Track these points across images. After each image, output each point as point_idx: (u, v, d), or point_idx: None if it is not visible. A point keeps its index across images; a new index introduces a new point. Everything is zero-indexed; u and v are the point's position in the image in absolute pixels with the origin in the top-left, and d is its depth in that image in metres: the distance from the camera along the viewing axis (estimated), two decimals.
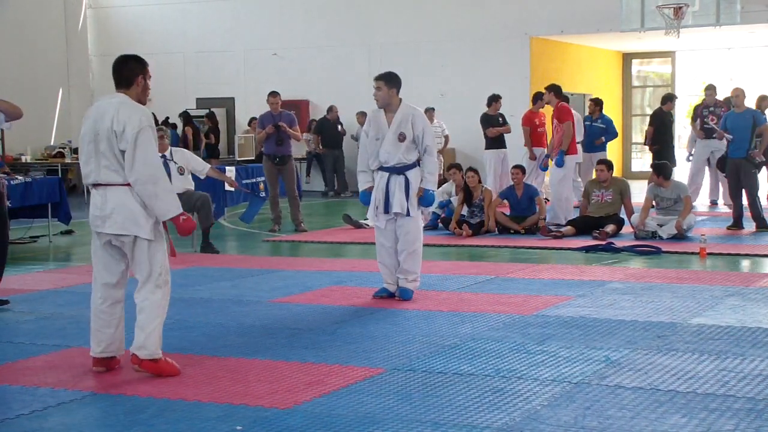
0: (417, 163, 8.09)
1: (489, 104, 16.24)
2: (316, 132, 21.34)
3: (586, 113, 17.74)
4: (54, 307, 8.18)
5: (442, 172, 17.81)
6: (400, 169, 8.04)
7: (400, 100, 8.14)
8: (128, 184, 5.71)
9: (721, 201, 16.27)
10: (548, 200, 14.54)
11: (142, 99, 5.88)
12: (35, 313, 7.93)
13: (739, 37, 21.71)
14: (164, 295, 5.86)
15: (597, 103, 17.10)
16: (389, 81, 8.05)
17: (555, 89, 14.01)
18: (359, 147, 8.48)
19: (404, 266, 8.13)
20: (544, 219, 12.79)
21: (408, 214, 8.02)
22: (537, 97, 16.09)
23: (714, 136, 14.98)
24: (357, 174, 8.42)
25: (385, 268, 8.25)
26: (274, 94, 13.94)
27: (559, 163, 13.46)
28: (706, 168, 16.41)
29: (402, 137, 7.96)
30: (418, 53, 21.38)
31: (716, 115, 15.05)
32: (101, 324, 5.95)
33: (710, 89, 15.78)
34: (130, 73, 5.86)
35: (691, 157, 16.58)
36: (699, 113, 15.59)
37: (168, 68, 23.80)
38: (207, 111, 21.69)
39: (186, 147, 18.80)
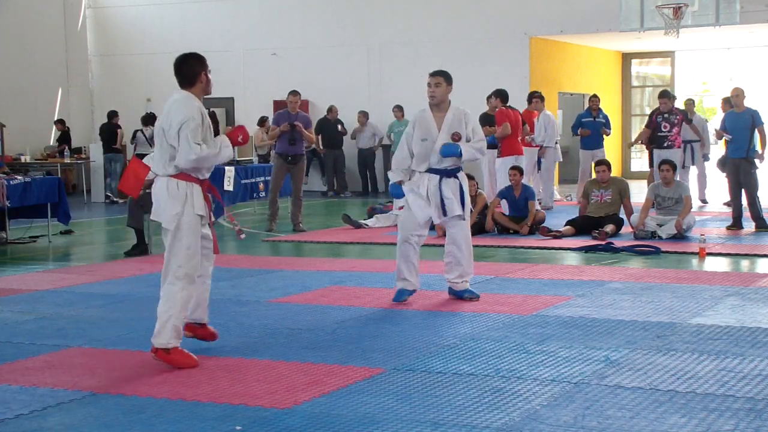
0: (461, 167, 7.98)
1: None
2: (316, 132, 21.33)
3: (586, 110, 17.85)
4: (53, 307, 8.18)
5: None
6: (450, 172, 7.87)
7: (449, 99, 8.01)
8: (169, 175, 6.01)
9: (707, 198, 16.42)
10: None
11: (208, 92, 6.36)
12: (35, 312, 7.93)
13: (738, 37, 21.72)
14: (182, 288, 5.99)
15: (594, 97, 17.52)
16: (448, 78, 7.90)
17: (500, 94, 14.93)
18: (398, 146, 8.16)
19: (467, 269, 8.02)
20: (529, 225, 12.66)
21: (463, 218, 7.88)
22: (531, 97, 16.77)
23: (665, 145, 14.44)
24: (390, 172, 8.14)
25: (414, 268, 8.02)
26: (294, 93, 13.86)
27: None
28: (692, 167, 16.55)
29: (457, 137, 7.78)
30: (418, 53, 21.38)
31: (670, 122, 14.49)
32: None
33: (664, 96, 14.89)
34: (191, 71, 6.27)
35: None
36: (654, 120, 14.80)
37: (167, 68, 23.56)
38: (207, 111, 21.62)
39: None
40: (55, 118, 23.16)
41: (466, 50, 21.04)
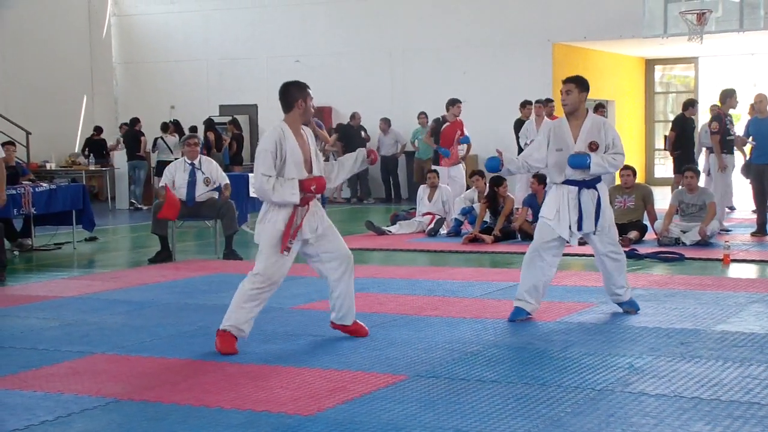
0: (600, 177, 7.60)
1: (520, 110, 16.89)
2: (339, 139, 21.36)
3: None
4: (78, 313, 8.22)
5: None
6: (590, 183, 7.49)
7: (587, 108, 7.66)
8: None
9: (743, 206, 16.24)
10: None
11: (306, 118, 6.68)
12: (59, 319, 7.97)
13: (762, 43, 21.59)
14: (251, 287, 6.63)
15: (600, 107, 17.06)
16: (581, 84, 7.49)
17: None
18: (528, 147, 7.79)
19: (619, 281, 7.71)
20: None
21: (595, 233, 7.51)
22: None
23: (733, 150, 14.04)
24: (512, 159, 7.67)
25: (542, 286, 7.61)
26: None
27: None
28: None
29: (594, 146, 7.37)
30: (440, 60, 21.39)
31: (732, 124, 14.15)
32: None
33: (733, 95, 14.16)
34: (289, 97, 6.63)
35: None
36: (724, 122, 13.95)
37: (191, 76, 23.93)
38: (230, 118, 21.75)
39: (209, 150, 18.83)
40: (80, 125, 23.36)
41: (488, 56, 21.03)
